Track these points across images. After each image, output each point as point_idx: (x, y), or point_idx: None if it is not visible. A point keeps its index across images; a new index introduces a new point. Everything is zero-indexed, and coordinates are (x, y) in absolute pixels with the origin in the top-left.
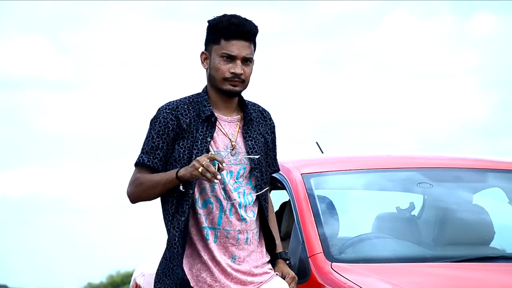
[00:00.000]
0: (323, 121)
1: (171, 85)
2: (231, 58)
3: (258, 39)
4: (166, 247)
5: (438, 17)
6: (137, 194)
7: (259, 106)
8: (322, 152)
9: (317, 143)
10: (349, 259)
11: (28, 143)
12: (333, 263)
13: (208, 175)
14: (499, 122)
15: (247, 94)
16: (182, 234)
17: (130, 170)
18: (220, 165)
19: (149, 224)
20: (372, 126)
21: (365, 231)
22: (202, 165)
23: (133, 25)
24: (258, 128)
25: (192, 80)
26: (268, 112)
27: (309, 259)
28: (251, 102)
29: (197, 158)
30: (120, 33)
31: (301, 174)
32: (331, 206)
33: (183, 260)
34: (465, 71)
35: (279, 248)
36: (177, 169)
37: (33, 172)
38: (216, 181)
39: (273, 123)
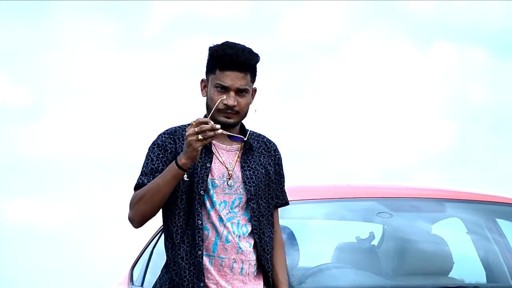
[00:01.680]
0: (281, 150)
1: (131, 113)
2: (224, 89)
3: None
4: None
5: (397, 45)
6: (140, 210)
7: (264, 137)
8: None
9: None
10: None
11: None
12: None
13: (211, 133)
14: (458, 151)
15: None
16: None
17: (94, 197)
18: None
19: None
20: (332, 154)
21: (325, 261)
22: (197, 133)
23: (90, 52)
24: (259, 158)
25: (151, 108)
26: (273, 144)
27: None
28: (255, 132)
29: (186, 135)
30: (77, 60)
31: None
32: (291, 236)
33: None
34: (423, 100)
35: (282, 286)
36: (174, 161)
37: None
38: (220, 131)
39: (278, 154)
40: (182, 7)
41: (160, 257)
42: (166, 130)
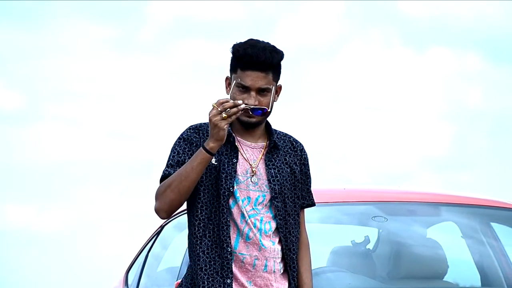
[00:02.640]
0: None
1: (127, 117)
2: (246, 89)
3: (284, 62)
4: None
5: (394, 50)
6: (168, 198)
7: (290, 137)
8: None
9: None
10: None
11: None
12: None
13: (234, 109)
14: (453, 155)
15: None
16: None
17: (90, 201)
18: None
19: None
20: (328, 158)
21: (320, 264)
22: (221, 112)
23: (86, 56)
24: (285, 157)
25: (147, 112)
26: (300, 143)
27: None
28: (282, 132)
29: (210, 117)
30: (72, 64)
31: None
32: None
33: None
34: (420, 104)
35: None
36: (201, 146)
37: None
38: (242, 106)
39: (304, 154)
40: (178, 10)
41: (155, 260)
42: (191, 126)
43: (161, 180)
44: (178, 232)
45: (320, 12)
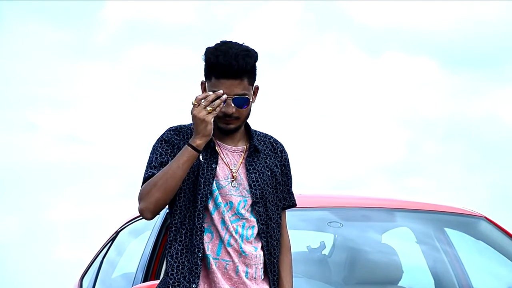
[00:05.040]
0: None
1: (80, 122)
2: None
3: (258, 63)
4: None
5: (348, 55)
6: (154, 197)
7: (270, 137)
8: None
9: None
10: None
11: None
12: None
13: (217, 101)
14: (407, 161)
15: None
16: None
17: (46, 206)
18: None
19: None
20: None
21: None
22: (205, 106)
23: (39, 60)
24: (265, 160)
25: (102, 117)
26: (280, 144)
27: None
28: (262, 133)
29: (194, 114)
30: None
31: None
32: None
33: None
34: (374, 109)
35: None
36: (187, 145)
37: None
38: (224, 96)
39: (285, 155)
40: (133, 14)
41: (110, 266)
42: (171, 127)
43: (144, 181)
44: (133, 237)
45: (274, 19)
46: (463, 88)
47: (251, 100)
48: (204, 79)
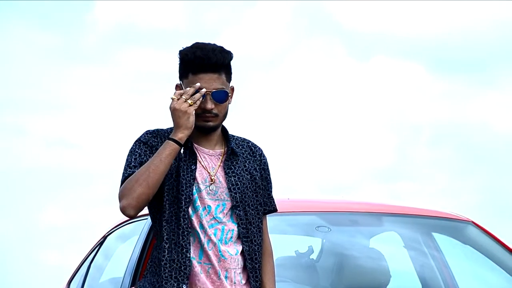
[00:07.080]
0: None
1: (69, 126)
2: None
3: (233, 63)
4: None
5: (337, 60)
6: (136, 192)
7: (248, 141)
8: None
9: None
10: None
11: None
12: None
13: (197, 95)
14: (396, 166)
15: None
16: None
17: (33, 211)
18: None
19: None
20: (271, 168)
21: None
22: (186, 100)
23: (28, 63)
24: (244, 164)
25: (91, 121)
26: (259, 148)
27: None
28: (240, 137)
29: (175, 107)
30: (12, 73)
31: None
32: None
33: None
34: (363, 114)
35: None
36: (168, 139)
37: None
38: (204, 89)
39: (264, 159)
40: (121, 18)
41: (98, 270)
42: (148, 130)
43: (123, 181)
44: (121, 242)
45: (262, 23)
46: (451, 93)
47: (229, 95)
48: (178, 82)
